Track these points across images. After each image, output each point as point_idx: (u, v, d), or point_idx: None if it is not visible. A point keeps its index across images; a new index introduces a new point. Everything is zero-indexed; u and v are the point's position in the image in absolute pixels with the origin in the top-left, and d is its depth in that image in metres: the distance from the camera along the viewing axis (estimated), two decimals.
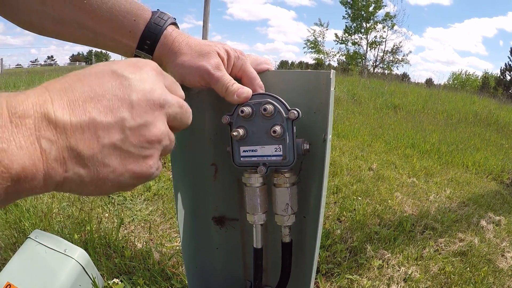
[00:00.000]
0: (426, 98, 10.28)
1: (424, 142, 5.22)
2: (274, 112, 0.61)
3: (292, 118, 0.60)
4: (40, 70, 20.35)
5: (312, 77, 0.65)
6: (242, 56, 0.65)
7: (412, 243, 2.18)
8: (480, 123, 8.16)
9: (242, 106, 0.62)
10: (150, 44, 0.61)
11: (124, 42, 0.62)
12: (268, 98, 0.62)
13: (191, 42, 0.62)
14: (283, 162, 0.63)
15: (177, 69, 0.62)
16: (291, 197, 0.67)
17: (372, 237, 2.17)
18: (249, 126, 0.64)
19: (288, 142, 0.62)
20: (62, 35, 0.64)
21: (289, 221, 0.69)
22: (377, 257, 1.96)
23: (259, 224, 0.70)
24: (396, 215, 2.54)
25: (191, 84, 0.63)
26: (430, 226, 2.47)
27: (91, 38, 0.62)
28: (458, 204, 3.07)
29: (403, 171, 3.65)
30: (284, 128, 0.61)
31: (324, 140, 0.63)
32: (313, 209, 0.72)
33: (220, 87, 0.61)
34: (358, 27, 31.53)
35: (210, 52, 0.61)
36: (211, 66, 0.60)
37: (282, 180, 0.66)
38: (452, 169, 4.09)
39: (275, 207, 0.69)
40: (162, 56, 0.63)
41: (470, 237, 2.40)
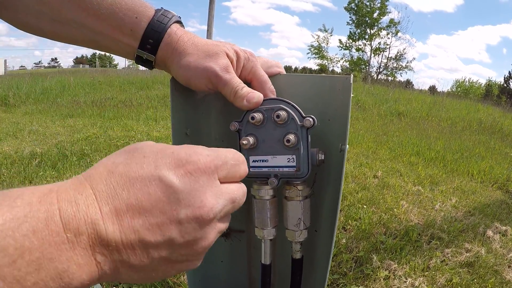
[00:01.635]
0: (430, 105, 10.24)
1: (429, 149, 5.18)
2: (287, 119, 0.57)
3: (307, 126, 0.56)
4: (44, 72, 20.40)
5: (327, 82, 0.61)
6: (252, 57, 0.60)
7: (418, 253, 2.14)
8: (485, 131, 8.10)
9: (253, 112, 0.58)
10: (152, 44, 0.57)
11: (125, 41, 0.58)
12: (281, 104, 0.58)
13: (197, 42, 0.58)
14: (297, 173, 0.58)
15: (182, 71, 0.58)
16: (304, 211, 0.62)
17: (378, 246, 2.12)
18: (260, 134, 0.59)
19: (303, 152, 0.57)
20: (60, 35, 0.60)
21: (301, 237, 0.64)
22: (383, 268, 1.92)
23: (269, 239, 0.65)
24: (402, 224, 2.49)
25: (197, 87, 0.59)
26: (437, 236, 2.43)
27: (90, 38, 0.58)
28: (464, 213, 3.02)
29: (408, 179, 3.61)
30: (298, 137, 0.56)
31: (341, 151, 0.59)
32: (326, 223, 0.68)
33: (228, 91, 0.57)
34: (362, 33, 31.53)
35: (218, 53, 0.57)
36: (219, 67, 0.56)
37: (295, 193, 0.61)
38: (458, 178, 4.04)
39: (286, 221, 0.64)
40: (165, 56, 0.58)
41: (477, 248, 2.36)
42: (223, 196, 0.38)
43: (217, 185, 0.37)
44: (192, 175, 0.35)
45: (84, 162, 3.42)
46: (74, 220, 0.29)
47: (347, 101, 0.59)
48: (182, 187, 0.34)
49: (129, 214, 0.32)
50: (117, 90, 10.05)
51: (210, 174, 0.37)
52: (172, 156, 0.35)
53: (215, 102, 0.70)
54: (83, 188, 0.32)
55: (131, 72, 15.06)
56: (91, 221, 0.30)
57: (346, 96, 0.59)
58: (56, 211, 0.29)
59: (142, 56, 0.58)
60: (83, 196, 0.31)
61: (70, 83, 10.76)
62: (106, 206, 0.31)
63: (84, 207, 0.30)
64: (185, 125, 0.69)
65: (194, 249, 0.36)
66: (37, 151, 3.74)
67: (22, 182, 2.83)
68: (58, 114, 6.87)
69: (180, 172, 0.34)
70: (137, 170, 0.33)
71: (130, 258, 0.32)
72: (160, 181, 0.33)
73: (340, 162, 0.60)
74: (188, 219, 0.34)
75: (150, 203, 0.33)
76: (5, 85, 9.87)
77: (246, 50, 0.61)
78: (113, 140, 4.31)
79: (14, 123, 5.79)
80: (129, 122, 5.80)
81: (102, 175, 0.33)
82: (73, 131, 5.02)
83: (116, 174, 0.33)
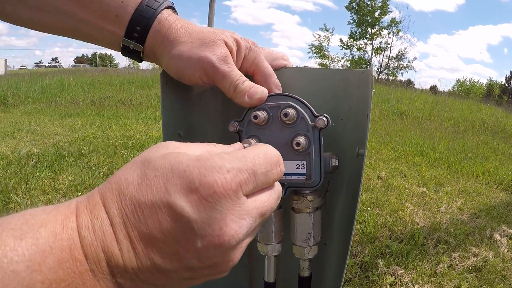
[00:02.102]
0: (432, 105, 10.17)
1: (433, 150, 5.11)
2: (296, 119, 0.49)
3: (320, 126, 0.48)
4: (44, 71, 20.37)
5: (340, 76, 0.53)
6: (255, 47, 0.53)
7: (425, 258, 2.07)
8: (487, 131, 8.04)
9: (256, 110, 0.50)
10: (140, 31, 0.50)
11: (109, 29, 0.50)
12: (289, 100, 0.49)
13: (191, 29, 0.51)
14: (307, 182, 0.50)
15: (173, 62, 0.50)
16: (314, 225, 0.54)
17: (384, 251, 2.05)
18: (264, 136, 0.51)
19: (314, 157, 0.49)
20: (39, 23, 0.53)
21: (311, 254, 0.55)
22: (389, 273, 1.85)
23: (273, 255, 0.57)
24: (408, 227, 2.42)
25: (190, 81, 0.51)
26: (443, 240, 2.36)
27: (71, 26, 0.51)
28: (470, 215, 2.96)
29: (412, 180, 3.54)
30: (310, 139, 0.48)
31: (358, 155, 0.51)
32: (338, 235, 0.60)
33: (227, 85, 0.49)
34: (363, 33, 31.47)
35: (215, 41, 0.49)
36: (216, 57, 0.48)
37: (304, 204, 0.53)
38: (462, 179, 3.98)
39: (294, 236, 0.55)
40: (155, 45, 0.51)
41: (484, 252, 2.30)
42: (248, 216, 0.32)
43: (241, 204, 0.31)
44: (207, 201, 0.30)
45: (81, 163, 3.35)
46: (93, 247, 0.28)
47: (365, 97, 0.50)
48: (196, 217, 0.29)
49: (142, 242, 0.30)
50: (116, 90, 10.00)
51: (232, 196, 0.31)
52: (184, 177, 0.30)
53: (212, 99, 0.62)
54: (98, 210, 0.30)
55: (131, 71, 15.03)
56: (108, 248, 0.29)
57: (363, 91, 0.51)
58: (77, 238, 0.28)
59: (128, 46, 0.51)
60: (98, 220, 0.29)
61: (69, 82, 10.72)
62: (120, 232, 0.29)
63: (101, 234, 0.29)
64: (178, 125, 0.61)
65: (218, 269, 0.33)
66: (34, 151, 3.68)
67: (17, 183, 2.77)
68: (57, 114, 6.82)
69: (193, 198, 0.29)
70: (147, 194, 0.30)
71: (150, 280, 0.31)
72: (170, 209, 0.29)
73: (355, 167, 0.53)
74: (206, 248, 0.30)
75: (161, 232, 0.29)
76: (4, 84, 9.84)
77: (248, 40, 0.53)
78: (111, 140, 4.25)
79: (12, 122, 5.73)
80: (128, 121, 5.74)
81: (114, 196, 0.30)
82: (71, 130, 4.96)
83: (126, 196, 0.30)
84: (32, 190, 2.63)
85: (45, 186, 2.74)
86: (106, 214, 0.30)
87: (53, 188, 2.70)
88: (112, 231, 0.29)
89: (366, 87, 0.50)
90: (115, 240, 0.29)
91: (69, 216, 0.29)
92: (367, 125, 0.49)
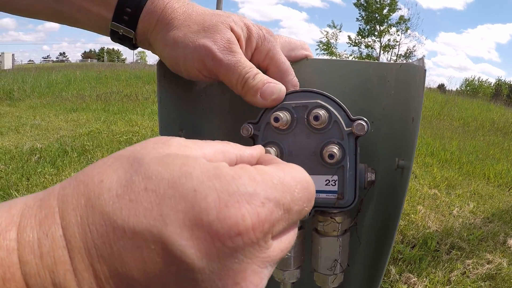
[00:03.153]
0: (442, 104, 10.02)
1: (444, 150, 5.01)
2: (328, 123, 0.39)
3: (357, 133, 0.38)
4: (51, 66, 20.37)
5: (372, 70, 0.44)
6: (270, 36, 0.42)
7: (438, 265, 1.99)
8: (498, 132, 7.91)
9: (276, 110, 0.40)
10: (131, 13, 0.41)
11: (95, 11, 0.42)
12: (318, 99, 0.39)
13: (191, 10, 0.41)
14: (339, 202, 0.40)
15: (168, 50, 0.41)
16: (342, 250, 0.44)
17: (396, 257, 1.97)
18: (286, 143, 0.41)
19: (349, 171, 0.39)
20: (17, 5, 0.45)
21: (335, 282, 0.46)
22: (402, 281, 1.78)
23: (290, 283, 0.48)
24: (420, 232, 2.34)
25: (189, 75, 0.42)
26: (457, 246, 2.28)
27: (53, 8, 0.43)
28: (482, 219, 2.87)
29: (424, 182, 3.45)
30: (344, 149, 0.39)
31: (398, 167, 0.42)
32: (363, 258, 0.52)
33: (233, 79, 0.40)
34: (372, 30, 31.22)
35: (216, 25, 0.39)
36: (217, 45, 0.39)
37: (331, 227, 0.43)
38: (474, 181, 3.88)
39: (317, 263, 0.46)
40: (148, 30, 0.42)
41: (498, 259, 2.23)
42: (271, 263, 0.22)
43: (267, 250, 0.21)
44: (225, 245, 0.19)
45: (85, 159, 3.29)
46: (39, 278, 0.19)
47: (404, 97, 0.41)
48: (203, 265, 0.19)
49: (112, 282, 0.19)
50: (123, 84, 9.95)
51: (261, 241, 0.21)
52: (193, 201, 0.19)
53: (220, 95, 0.53)
54: (51, 224, 0.20)
55: (138, 66, 14.99)
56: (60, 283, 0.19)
57: (402, 89, 0.42)
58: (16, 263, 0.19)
59: (118, 31, 0.42)
60: (49, 239, 0.19)
61: (76, 77, 10.68)
62: (80, 262, 0.19)
63: (50, 260, 0.19)
64: (178, 125, 0.52)
65: None
66: (38, 146, 3.62)
67: (19, 179, 2.71)
68: (62, 108, 6.77)
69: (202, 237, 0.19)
70: (129, 214, 0.19)
71: None
72: (163, 246, 0.19)
73: (388, 181, 0.44)
74: None
75: (145, 276, 0.19)
76: (11, 79, 9.81)
77: (261, 27, 0.42)
78: (116, 135, 4.18)
79: (17, 117, 5.70)
80: (133, 116, 5.67)
81: (79, 204, 0.20)
82: (76, 125, 4.91)
83: (97, 210, 0.20)
84: (33, 187, 2.57)
85: (46, 182, 2.68)
86: (62, 231, 0.20)
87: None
88: (68, 258, 0.20)
89: (407, 83, 0.41)
90: (71, 271, 0.19)
91: (8, 227, 0.20)
92: (414, 130, 0.39)
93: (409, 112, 0.40)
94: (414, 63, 0.41)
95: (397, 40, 31.50)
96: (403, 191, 0.40)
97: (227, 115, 0.54)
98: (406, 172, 0.40)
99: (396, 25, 30.77)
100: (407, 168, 0.40)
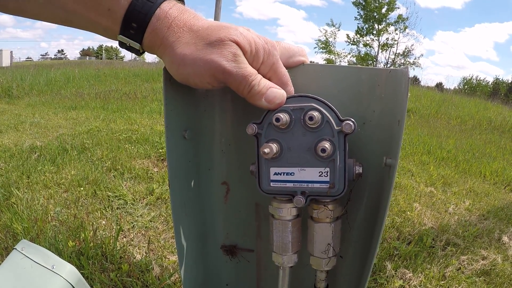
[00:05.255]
0: (439, 103, 10.07)
1: (440, 148, 5.05)
2: (321, 123, 0.45)
3: (346, 131, 0.44)
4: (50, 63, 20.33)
5: (364, 75, 0.48)
6: (274, 50, 0.46)
7: (433, 261, 2.03)
8: (495, 130, 7.97)
9: (277, 111, 0.46)
10: (136, 28, 0.44)
11: (103, 24, 0.45)
12: (313, 103, 0.45)
13: (195, 25, 0.44)
14: (330, 191, 0.46)
15: (176, 67, 0.45)
16: (334, 235, 0.50)
17: (392, 253, 2.00)
18: (285, 140, 0.47)
19: (339, 164, 0.45)
20: (27, 11, 0.47)
21: (329, 265, 0.51)
22: (397, 277, 1.81)
23: (288, 266, 0.53)
24: (416, 229, 2.37)
25: (197, 86, 0.46)
26: (452, 242, 2.32)
27: (62, 17, 0.46)
28: (478, 217, 2.91)
29: (420, 180, 3.49)
30: (335, 145, 0.44)
31: (386, 165, 0.46)
32: (355, 249, 0.56)
33: (241, 86, 0.44)
34: (370, 29, 31.24)
35: (222, 39, 0.43)
36: (226, 59, 0.42)
37: (325, 213, 0.48)
38: (470, 179, 3.92)
39: (312, 247, 0.51)
40: (154, 45, 0.45)
41: (493, 255, 2.26)
42: None
43: None
44: None
45: (84, 157, 3.31)
46: None
47: (394, 100, 0.45)
48: None
49: None
50: (122, 82, 9.96)
51: None
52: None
53: (221, 96, 0.57)
54: None
55: (137, 64, 14.98)
56: None
57: (391, 93, 0.46)
58: None
59: (125, 43, 0.46)
60: None
61: (75, 75, 10.68)
62: None
63: None
64: (182, 125, 0.56)
65: None
66: (37, 144, 3.64)
67: (19, 177, 2.73)
68: (61, 106, 6.79)
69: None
70: None
71: None
72: None
73: (378, 177, 0.48)
74: None
75: None
76: (9, 76, 9.80)
77: (267, 40, 0.46)
78: (115, 133, 4.20)
79: (16, 115, 5.71)
80: (132, 115, 5.69)
81: None
82: (75, 123, 4.93)
83: None
84: (34, 185, 2.59)
85: (47, 180, 2.70)
86: None
87: (55, 183, 2.66)
88: None
89: (394, 88, 0.45)
90: None
91: None
92: (399, 132, 0.44)
93: (395, 115, 0.44)
94: (401, 69, 0.45)
95: (395, 39, 31.54)
96: (390, 186, 0.45)
97: (227, 114, 0.58)
98: (392, 170, 0.44)
99: (394, 24, 30.79)
100: (393, 166, 0.44)
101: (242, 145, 0.58)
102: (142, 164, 3.18)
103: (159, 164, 3.27)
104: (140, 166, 3.09)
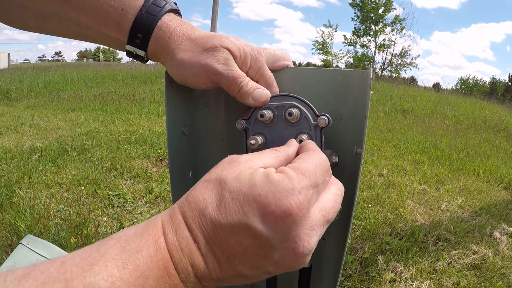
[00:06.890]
0: (435, 103, 10.15)
1: (435, 147, 5.12)
2: (300, 118, 0.51)
3: (321, 125, 0.50)
4: (47, 65, 20.37)
5: (340, 77, 0.55)
6: (260, 57, 0.54)
7: (425, 255, 2.09)
8: (490, 130, 8.03)
9: (262, 109, 0.53)
10: (142, 38, 0.51)
11: (112, 36, 0.52)
12: (293, 101, 0.52)
13: (192, 35, 0.52)
14: None
15: (176, 69, 0.52)
16: None
17: (384, 247, 2.07)
18: (269, 133, 0.53)
19: None
20: (46, 29, 0.55)
21: None
22: (389, 270, 1.87)
23: None
24: (408, 225, 2.44)
25: (195, 86, 0.53)
26: (443, 237, 2.38)
27: (77, 31, 0.53)
28: (470, 213, 2.97)
29: (414, 178, 3.55)
30: (312, 137, 0.51)
31: (356, 154, 0.53)
32: (336, 231, 0.62)
33: (231, 87, 0.51)
34: (367, 30, 31.34)
35: (216, 46, 0.50)
36: (218, 62, 0.50)
37: None
38: (464, 177, 3.98)
39: None
40: (158, 52, 0.52)
41: (484, 250, 2.31)
42: (317, 226, 0.36)
43: (310, 217, 0.35)
44: (284, 222, 0.33)
45: (84, 157, 3.37)
46: (182, 263, 0.33)
47: (363, 98, 0.52)
48: (273, 236, 0.33)
49: (225, 255, 0.34)
50: (120, 84, 10.01)
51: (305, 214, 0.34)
52: (260, 201, 0.33)
53: (216, 96, 0.64)
54: (182, 230, 0.34)
55: (134, 66, 15.02)
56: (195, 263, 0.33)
57: (362, 93, 0.53)
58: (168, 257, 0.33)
59: (132, 52, 0.53)
60: (184, 240, 0.34)
61: (73, 77, 10.73)
62: (204, 248, 0.34)
63: (187, 251, 0.33)
64: (181, 122, 0.63)
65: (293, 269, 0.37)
66: (37, 145, 3.70)
67: (21, 177, 2.79)
68: (60, 108, 6.84)
69: (269, 221, 0.33)
70: (226, 216, 0.34)
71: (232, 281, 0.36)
72: (249, 230, 0.33)
73: (354, 166, 0.54)
74: (283, 258, 0.34)
75: (242, 248, 0.34)
76: (8, 78, 9.85)
77: (253, 48, 0.54)
78: (114, 134, 4.26)
79: (16, 117, 5.76)
80: (131, 116, 5.75)
81: (194, 216, 0.35)
82: (75, 125, 4.98)
83: (207, 217, 0.34)
84: (35, 184, 2.64)
85: (48, 180, 2.75)
86: (190, 233, 0.34)
87: (56, 183, 2.72)
88: (196, 248, 0.34)
89: (365, 88, 0.52)
90: (200, 255, 0.34)
91: (159, 237, 0.33)
92: (364, 125, 0.51)
93: (364, 110, 0.51)
94: (367, 71, 0.52)
95: (392, 40, 31.60)
96: (358, 171, 0.53)
97: (221, 112, 0.65)
98: (360, 157, 0.52)
99: (391, 25, 30.85)
100: (359, 154, 0.52)
101: (235, 139, 0.65)
102: (141, 164, 3.24)
103: (157, 164, 3.33)
104: (139, 166, 3.15)
